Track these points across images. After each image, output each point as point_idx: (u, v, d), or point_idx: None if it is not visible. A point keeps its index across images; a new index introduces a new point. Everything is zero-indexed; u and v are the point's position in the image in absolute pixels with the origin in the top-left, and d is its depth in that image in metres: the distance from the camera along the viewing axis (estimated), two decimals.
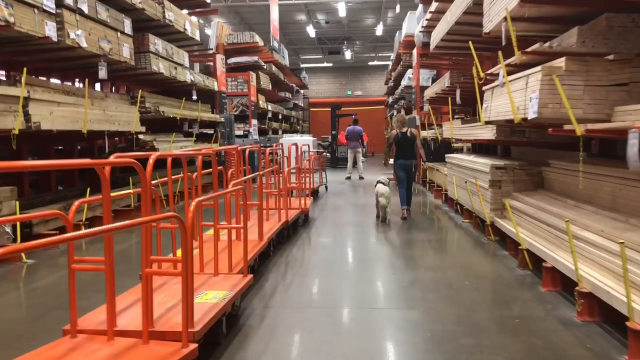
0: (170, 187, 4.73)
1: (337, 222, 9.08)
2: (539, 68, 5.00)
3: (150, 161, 3.31)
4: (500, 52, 5.82)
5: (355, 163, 17.32)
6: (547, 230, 5.40)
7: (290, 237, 7.50)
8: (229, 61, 20.12)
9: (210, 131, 15.57)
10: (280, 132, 25.54)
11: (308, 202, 8.81)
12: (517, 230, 5.87)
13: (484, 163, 7.43)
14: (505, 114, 6.07)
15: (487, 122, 7.13)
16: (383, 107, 36.69)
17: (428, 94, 13.07)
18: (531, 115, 5.10)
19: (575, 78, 4.80)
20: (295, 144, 10.61)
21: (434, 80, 15.11)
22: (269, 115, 23.10)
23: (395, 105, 27.74)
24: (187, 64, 12.60)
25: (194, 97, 13.33)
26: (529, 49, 5.44)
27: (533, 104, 5.07)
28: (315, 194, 12.27)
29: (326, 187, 13.89)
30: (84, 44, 7.81)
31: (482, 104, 7.19)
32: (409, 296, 4.89)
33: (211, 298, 3.69)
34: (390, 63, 27.78)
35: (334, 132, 21.84)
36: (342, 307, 4.62)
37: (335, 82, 39.73)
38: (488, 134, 7.65)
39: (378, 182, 9.61)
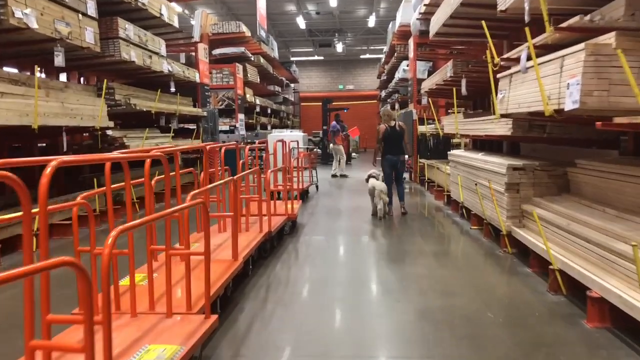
0: (109, 199, 3.66)
1: (328, 229, 8.05)
2: (580, 46, 3.99)
3: (47, 171, 2.23)
4: (527, 29, 4.79)
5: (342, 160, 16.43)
6: (588, 248, 4.40)
7: (275, 249, 6.47)
8: (214, 52, 19.01)
9: (193, 126, 14.49)
10: (269, 127, 24.43)
11: (296, 206, 7.78)
12: (547, 245, 4.86)
13: (498, 163, 6.42)
14: (530, 104, 5.06)
15: (503, 116, 6.13)
16: (375, 101, 35.71)
17: (426, 85, 12.05)
18: (569, 105, 4.09)
19: (629, 59, 3.79)
20: (283, 140, 9.49)
21: (430, 73, 14.10)
22: (257, 109, 22.00)
23: (388, 100, 26.72)
24: (163, 52, 11.49)
25: (172, 89, 12.22)
26: (564, 24, 4.42)
27: (572, 91, 4.05)
28: (305, 194, 11.24)
29: (317, 187, 12.86)
30: (34, 25, 6.71)
31: (496, 95, 6.18)
32: (419, 337, 3.85)
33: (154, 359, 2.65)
34: (383, 56, 26.73)
35: (325, 128, 20.81)
36: (334, 357, 3.58)
37: (327, 75, 38.62)
38: (502, 129, 6.64)
39: (370, 176, 8.77)
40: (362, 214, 9.21)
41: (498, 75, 6.16)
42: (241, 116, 18.84)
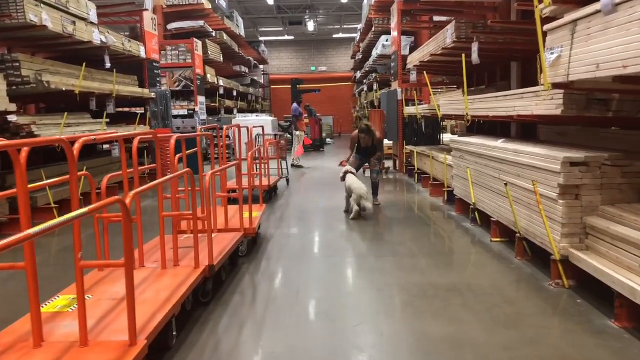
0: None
1: (302, 247, 6.00)
2: None
3: None
4: None
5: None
6: None
7: (221, 288, 4.42)
8: (168, 27, 16.75)
9: (141, 110, 12.27)
10: (235, 111, 22.22)
11: (256, 215, 5.74)
12: None
13: (544, 155, 4.46)
14: (624, 62, 3.10)
15: (556, 85, 4.17)
16: (350, 83, 33.74)
17: (415, 58, 10.06)
18: None
19: None
20: (237, 126, 7.32)
21: (412, 49, 12.15)
22: (221, 91, 19.74)
23: (364, 80, 24.76)
24: (93, 18, 9.24)
25: (107, 65, 9.96)
26: None
27: None
28: (273, 191, 9.20)
29: (287, 181, 10.81)
30: None
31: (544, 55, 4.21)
32: None
33: None
34: (357, 35, 24.66)
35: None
36: None
37: (298, 56, 36.37)
38: (544, 106, 4.68)
39: (346, 172, 7.48)
40: (340, 217, 7.24)
41: (548, 26, 4.19)
42: (201, 98, 16.63)
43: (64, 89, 7.92)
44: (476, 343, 3.28)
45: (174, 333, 3.33)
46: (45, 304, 3.27)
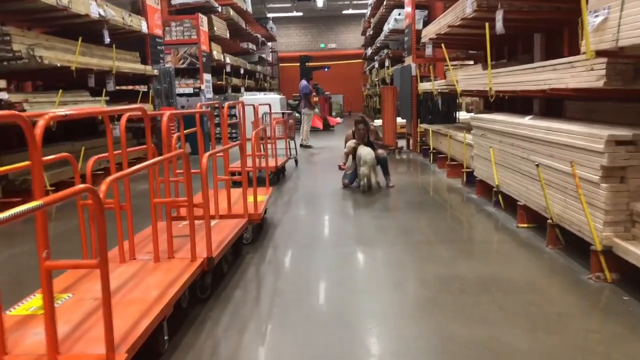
0: None
1: (311, 234, 5.55)
2: None
3: None
4: None
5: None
6: None
7: (222, 281, 4.00)
8: (173, 2, 16.19)
9: (144, 88, 11.82)
10: (242, 89, 21.67)
11: (262, 200, 5.30)
12: None
13: (585, 133, 3.96)
14: None
15: (601, 54, 3.66)
16: (360, 60, 32.99)
17: (432, 31, 9.47)
18: None
19: None
20: (241, 104, 6.83)
21: (425, 23, 11.57)
22: (227, 69, 19.18)
23: (375, 57, 24.05)
24: None
25: (107, 40, 9.47)
26: None
27: None
28: (281, 173, 8.75)
29: (296, 162, 10.35)
30: None
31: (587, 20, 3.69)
32: None
33: None
34: (367, 11, 23.91)
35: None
36: None
37: (307, 33, 35.61)
38: (582, 78, 4.16)
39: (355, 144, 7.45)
40: (352, 201, 6.80)
41: None
42: (207, 76, 16.10)
43: (59, 64, 7.46)
44: (514, 351, 2.83)
45: (166, 338, 2.91)
46: (18, 306, 2.86)
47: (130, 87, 12.31)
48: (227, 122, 5.31)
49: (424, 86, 10.87)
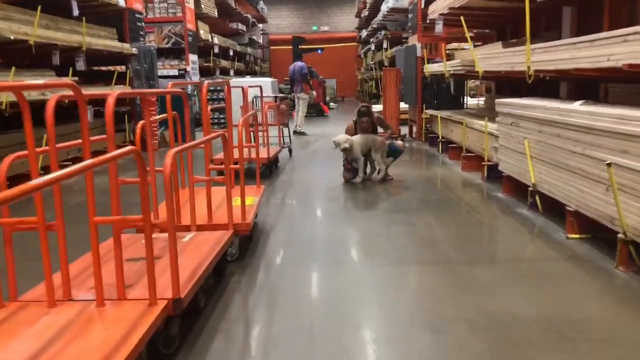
0: None
1: (311, 246, 4.50)
2: None
3: None
4: None
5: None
6: None
7: (197, 322, 2.98)
8: None
9: (122, 69, 10.71)
10: (231, 72, 20.49)
11: (252, 203, 4.27)
12: None
13: None
14: None
15: None
16: (354, 43, 31.83)
17: (443, 6, 8.41)
18: None
19: None
20: (227, 84, 5.65)
21: (428, 1, 10.51)
22: (216, 50, 17.99)
23: (371, 40, 22.90)
24: None
25: (75, 12, 8.31)
26: None
27: None
28: (273, 166, 7.71)
29: (290, 151, 9.31)
30: None
31: None
32: None
33: None
34: None
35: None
36: None
37: (299, 15, 34.30)
38: None
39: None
40: (356, 200, 5.80)
41: None
42: (193, 57, 14.93)
43: (12, 37, 6.34)
44: None
45: None
46: None
47: (107, 68, 11.16)
48: (207, 107, 4.24)
49: (432, 67, 9.82)
